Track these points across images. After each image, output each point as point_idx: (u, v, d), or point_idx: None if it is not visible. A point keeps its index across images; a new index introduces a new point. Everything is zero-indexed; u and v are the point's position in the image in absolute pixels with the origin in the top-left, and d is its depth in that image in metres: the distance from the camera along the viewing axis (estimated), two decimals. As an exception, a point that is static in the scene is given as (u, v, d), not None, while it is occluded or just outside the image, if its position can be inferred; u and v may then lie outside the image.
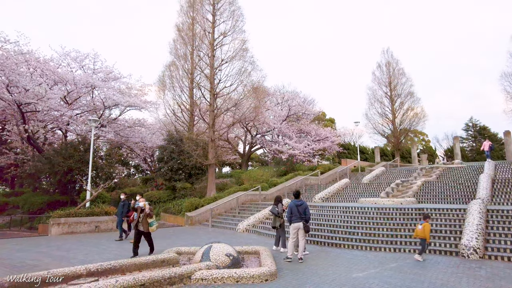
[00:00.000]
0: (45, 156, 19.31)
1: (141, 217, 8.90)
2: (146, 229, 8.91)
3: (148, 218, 8.94)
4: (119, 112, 26.49)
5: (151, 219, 8.98)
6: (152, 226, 8.98)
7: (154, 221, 9.08)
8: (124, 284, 5.32)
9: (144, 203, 9.00)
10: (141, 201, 9.05)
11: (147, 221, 8.91)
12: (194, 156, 20.20)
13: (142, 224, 8.90)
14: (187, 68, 21.84)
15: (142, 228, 8.91)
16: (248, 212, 16.70)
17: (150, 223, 8.96)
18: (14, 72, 18.83)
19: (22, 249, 10.86)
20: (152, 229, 8.98)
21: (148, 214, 8.91)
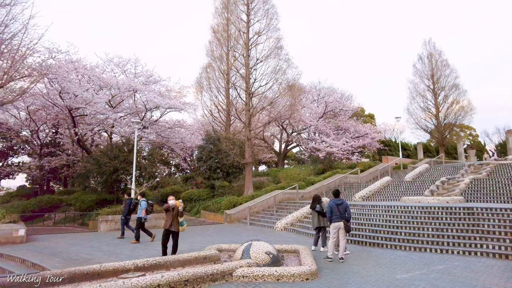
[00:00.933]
0: (93, 157, 20.57)
1: (172, 216, 8.68)
2: (177, 228, 8.73)
3: (179, 218, 8.75)
4: (159, 114, 27.56)
5: (181, 219, 8.80)
6: (182, 226, 8.81)
7: (184, 220, 8.94)
8: (169, 280, 5.54)
9: (177, 201, 8.73)
10: (170, 200, 8.81)
11: (178, 220, 8.74)
12: (231, 155, 20.51)
13: (173, 224, 8.68)
14: (223, 69, 22.19)
15: (174, 228, 8.69)
16: (286, 211, 16.68)
17: (181, 223, 8.79)
18: (65, 79, 20.26)
19: (76, 243, 11.68)
20: (182, 229, 8.82)
21: (181, 213, 8.73)
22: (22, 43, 15.97)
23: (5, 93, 16.46)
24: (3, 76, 15.25)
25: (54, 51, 20.33)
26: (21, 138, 27.79)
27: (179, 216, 8.71)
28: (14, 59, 15.56)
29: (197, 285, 5.89)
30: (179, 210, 8.64)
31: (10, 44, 15.73)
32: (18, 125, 26.05)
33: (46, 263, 8.57)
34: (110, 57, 25.10)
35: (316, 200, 9.85)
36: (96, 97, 21.61)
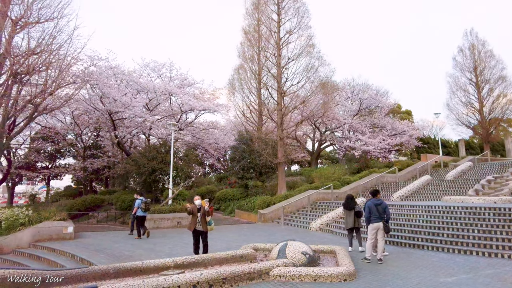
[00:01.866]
0: (132, 159, 21.48)
1: (198, 216, 8.62)
2: (205, 228, 8.66)
3: (207, 218, 8.67)
4: (194, 115, 28.28)
5: (209, 218, 8.71)
6: (210, 225, 8.75)
7: (212, 220, 8.85)
8: (208, 277, 5.69)
9: (203, 201, 8.69)
10: (196, 200, 8.79)
11: (205, 220, 8.66)
12: (264, 155, 20.59)
13: (201, 224, 8.60)
14: (255, 69, 22.33)
15: (202, 228, 8.63)
16: (321, 211, 16.48)
17: (209, 222, 8.71)
18: (105, 85, 21.35)
19: (118, 241, 12.27)
20: (210, 228, 8.76)
21: (208, 213, 8.66)
22: (67, 53, 17.04)
23: (53, 100, 17.62)
24: (51, 84, 16.35)
25: (95, 59, 21.50)
26: (67, 142, 29.60)
27: (206, 215, 8.65)
28: (61, 68, 16.61)
29: (235, 283, 5.99)
30: (205, 209, 8.61)
31: (57, 54, 16.84)
32: (64, 129, 27.82)
33: (93, 258, 9.10)
34: (146, 62, 26.12)
35: (353, 199, 9.65)
36: (134, 101, 22.56)
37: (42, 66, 16.47)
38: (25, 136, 28.17)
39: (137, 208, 13.14)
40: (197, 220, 8.59)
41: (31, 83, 17.19)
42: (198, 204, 8.67)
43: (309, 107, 21.75)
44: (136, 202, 13.31)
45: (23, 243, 12.30)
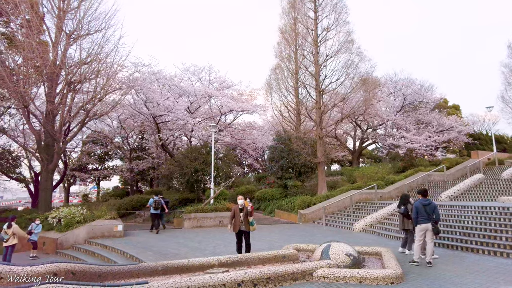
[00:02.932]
0: (175, 160, 22.29)
1: (241, 216, 8.67)
2: (248, 228, 8.69)
3: (250, 218, 8.72)
4: (233, 117, 28.79)
5: (251, 218, 8.75)
6: (253, 225, 8.75)
7: (254, 220, 8.87)
8: (252, 276, 5.76)
9: (245, 201, 8.73)
10: (239, 199, 8.84)
11: (248, 220, 8.70)
12: (303, 155, 20.40)
13: (244, 224, 8.67)
14: (292, 68, 22.20)
15: (245, 228, 8.69)
16: (364, 212, 16.00)
17: (251, 222, 8.72)
18: (149, 90, 22.38)
19: (165, 239, 12.79)
20: (253, 228, 8.76)
21: (250, 213, 8.70)
22: (114, 61, 18.09)
23: (102, 106, 18.79)
24: (100, 91, 17.44)
25: (139, 65, 22.61)
26: (114, 144, 31.41)
27: (249, 215, 8.71)
28: (108, 75, 17.65)
29: (278, 283, 6.01)
30: (248, 210, 8.66)
31: (105, 62, 17.95)
32: (112, 133, 29.57)
33: (141, 255, 9.57)
34: (186, 67, 27.03)
35: (403, 199, 9.23)
36: (177, 105, 23.41)
37: (92, 74, 17.63)
38: (77, 140, 30.28)
39: (149, 206, 15.21)
40: (240, 220, 8.69)
41: (83, 90, 18.46)
42: (241, 204, 8.77)
43: (349, 105, 21.22)
44: (149, 201, 15.27)
45: (80, 240, 13.24)
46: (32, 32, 16.49)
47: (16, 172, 27.29)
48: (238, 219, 8.70)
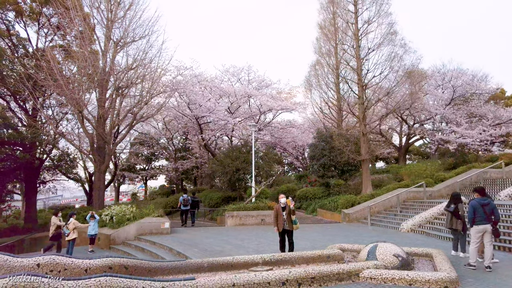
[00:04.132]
0: (217, 159, 22.79)
1: (284, 215, 8.64)
2: (291, 227, 8.64)
3: (292, 217, 8.64)
4: (272, 115, 28.81)
5: (293, 217, 8.66)
6: (296, 224, 8.69)
7: (296, 219, 8.78)
8: (296, 275, 5.72)
9: (288, 200, 8.67)
10: (281, 198, 8.78)
11: (291, 219, 8.63)
12: (346, 152, 19.87)
13: (287, 222, 8.62)
14: (332, 64, 21.72)
15: (288, 227, 8.65)
16: (412, 211, 15.26)
17: (294, 221, 8.65)
18: (191, 92, 23.10)
19: (209, 236, 13.13)
20: (296, 227, 8.70)
21: (293, 212, 8.63)
22: (157, 65, 18.89)
23: (148, 109, 19.71)
24: (146, 95, 18.30)
25: (181, 68, 23.41)
26: (160, 145, 32.85)
27: (292, 215, 8.64)
28: (153, 79, 18.48)
29: (324, 283, 5.91)
30: (290, 208, 8.59)
31: (149, 67, 18.81)
32: (157, 134, 30.96)
33: (187, 252, 9.91)
34: (226, 68, 27.50)
35: (453, 198, 8.67)
36: (217, 106, 23.92)
37: (137, 79, 18.57)
38: (126, 142, 32.10)
39: (180, 203, 17.01)
40: (283, 219, 8.66)
41: (130, 95, 19.50)
42: (283, 203, 8.72)
43: (394, 99, 20.30)
44: (180, 199, 17.19)
45: (130, 236, 14.01)
46: (84, 43, 17.72)
47: (73, 172, 29.53)
48: (281, 218, 8.68)
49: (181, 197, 17.20)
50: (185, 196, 17.05)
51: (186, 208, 17.01)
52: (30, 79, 18.23)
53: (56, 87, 16.87)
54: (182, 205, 16.94)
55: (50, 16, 21.40)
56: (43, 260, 5.80)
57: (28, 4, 20.78)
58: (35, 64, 18.78)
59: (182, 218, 17.40)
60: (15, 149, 20.72)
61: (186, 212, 17.19)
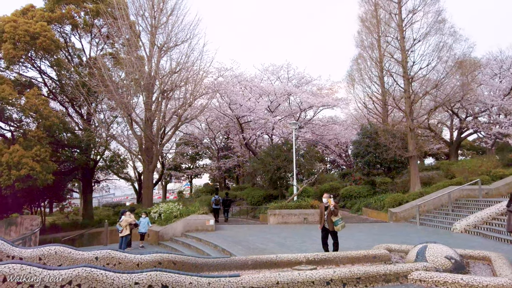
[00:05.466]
0: (258, 158, 22.98)
1: (325, 214, 8.58)
2: (331, 228, 8.51)
3: (332, 217, 8.48)
4: (313, 112, 28.44)
5: (335, 218, 8.47)
6: (336, 225, 8.44)
7: (339, 219, 8.51)
8: (341, 275, 5.63)
9: (329, 200, 8.57)
10: (324, 198, 8.70)
11: (331, 219, 8.48)
12: (392, 149, 19.07)
13: (328, 223, 8.56)
14: (375, 57, 20.93)
15: (328, 227, 8.59)
16: (466, 210, 14.29)
17: (335, 222, 8.44)
18: (232, 92, 23.54)
19: (252, 234, 13.31)
20: (337, 228, 8.47)
21: (333, 212, 8.46)
22: (199, 68, 19.48)
23: (191, 110, 20.41)
24: (189, 97, 18.96)
25: (222, 70, 23.92)
26: (203, 145, 33.86)
27: (332, 215, 8.49)
28: (195, 82, 19.09)
29: (369, 284, 5.76)
30: (331, 209, 8.46)
31: (191, 70, 19.45)
32: (201, 135, 31.95)
33: (232, 249, 10.13)
34: (265, 67, 27.64)
35: None
36: (257, 105, 24.13)
37: (181, 82, 19.28)
38: (171, 143, 33.47)
39: (212, 203, 18.27)
40: (324, 218, 8.63)
41: (174, 97, 20.31)
42: (325, 202, 8.66)
43: (443, 91, 19.13)
44: (212, 199, 18.65)
45: (177, 233, 14.62)
46: (131, 49, 18.78)
47: (124, 172, 31.47)
48: (323, 218, 8.68)
49: (213, 197, 18.85)
50: (216, 196, 18.55)
51: (217, 207, 18.21)
52: (85, 86, 19.69)
53: (107, 92, 18.07)
54: (214, 204, 18.29)
55: (101, 26, 22.93)
56: (101, 254, 6.27)
57: (82, 18, 22.44)
58: (88, 72, 20.24)
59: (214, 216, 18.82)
60: (73, 151, 22.50)
61: (217, 211, 18.35)
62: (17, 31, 18.31)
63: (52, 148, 19.36)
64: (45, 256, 6.02)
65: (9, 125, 19.29)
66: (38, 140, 17.69)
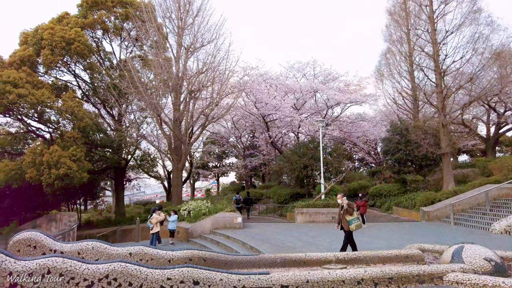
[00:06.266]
0: (284, 156, 22.90)
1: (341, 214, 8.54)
2: (346, 227, 8.41)
3: (346, 216, 8.37)
4: (340, 109, 28.00)
5: (350, 217, 8.35)
6: (351, 225, 8.32)
7: (354, 219, 8.37)
8: (372, 275, 5.51)
9: (342, 198, 8.55)
10: (338, 199, 8.71)
11: (345, 218, 8.39)
12: (424, 146, 18.40)
13: (342, 222, 8.51)
14: (404, 51, 20.27)
15: (344, 226, 8.53)
16: (505, 210, 13.55)
17: (349, 221, 8.33)
18: (257, 91, 23.59)
19: (279, 232, 13.30)
20: (351, 228, 8.34)
21: (347, 211, 8.35)
22: (225, 67, 19.66)
23: (218, 110, 20.65)
24: (216, 97, 19.19)
25: (247, 69, 24.04)
26: (230, 144, 34.19)
27: (346, 214, 8.39)
28: (222, 81, 19.30)
29: (402, 285, 5.60)
30: (344, 208, 8.41)
31: (217, 70, 19.67)
32: (227, 133, 32.28)
33: (260, 247, 10.18)
34: (291, 64, 27.52)
35: None
36: (283, 103, 24.04)
37: (208, 82, 19.54)
38: (199, 142, 34.06)
39: (233, 202, 18.58)
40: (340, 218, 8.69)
41: (201, 97, 20.63)
42: (340, 203, 8.68)
43: (479, 85, 18.21)
44: (233, 198, 19.19)
45: (206, 230, 14.88)
46: (159, 51, 19.25)
47: (154, 171, 32.36)
48: (339, 217, 8.73)
49: (234, 197, 19.67)
50: (238, 196, 19.39)
51: (238, 206, 18.72)
52: (116, 88, 20.41)
53: (137, 93, 18.64)
54: (235, 203, 18.81)
55: (130, 30, 23.67)
56: (134, 250, 6.49)
57: (112, 22, 23.27)
58: (119, 74, 20.97)
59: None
60: (106, 151, 23.42)
61: (239, 210, 18.82)
62: (54, 37, 19.26)
63: (86, 148, 20.23)
64: (83, 251, 6.31)
65: (48, 127, 20.35)
66: (73, 140, 18.55)
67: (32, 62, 20.08)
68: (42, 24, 20.76)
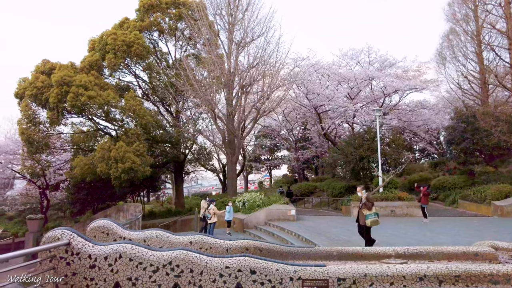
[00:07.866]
0: (338, 148, 22.33)
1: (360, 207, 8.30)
2: (363, 221, 8.08)
3: (364, 210, 8.01)
4: (398, 97, 26.44)
5: (368, 212, 8.01)
6: (367, 220, 7.99)
7: (372, 214, 8.00)
8: (436, 271, 5.21)
9: (361, 191, 8.31)
10: (358, 192, 8.52)
11: (362, 213, 8.06)
12: (495, 134, 16.71)
13: (359, 216, 8.19)
14: (471, 30, 18.53)
15: (360, 221, 8.26)
16: None
17: (366, 216, 8.02)
18: (309, 82, 23.22)
19: (334, 225, 13.10)
20: (367, 223, 8.04)
21: (365, 205, 7.98)
22: (276, 60, 19.63)
23: (269, 103, 20.75)
24: (267, 90, 19.29)
25: (297, 60, 23.72)
26: (281, 137, 34.22)
27: (364, 208, 8.09)
28: (272, 75, 19.33)
29: (471, 284, 5.20)
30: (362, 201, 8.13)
31: (268, 63, 19.71)
32: (278, 126, 32.32)
33: (315, 239, 10.13)
34: (344, 52, 26.50)
35: None
36: (336, 93, 23.38)
37: (258, 76, 19.70)
38: (251, 135, 34.58)
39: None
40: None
41: (253, 92, 20.88)
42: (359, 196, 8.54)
43: None
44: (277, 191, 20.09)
45: (260, 221, 15.15)
46: (211, 48, 19.81)
47: (210, 164, 33.66)
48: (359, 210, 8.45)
49: (278, 190, 21.16)
50: (281, 189, 21.25)
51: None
52: (173, 86, 21.48)
53: (192, 91, 19.43)
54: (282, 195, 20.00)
55: (183, 29, 24.65)
56: (194, 239, 6.86)
57: (167, 23, 24.43)
58: (175, 73, 22.00)
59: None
60: (165, 146, 24.85)
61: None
62: (116, 42, 20.80)
63: (148, 143, 21.66)
64: (148, 239, 6.83)
65: (113, 125, 22.15)
66: (136, 137, 19.96)
67: (99, 66, 21.92)
68: (106, 30, 22.51)
